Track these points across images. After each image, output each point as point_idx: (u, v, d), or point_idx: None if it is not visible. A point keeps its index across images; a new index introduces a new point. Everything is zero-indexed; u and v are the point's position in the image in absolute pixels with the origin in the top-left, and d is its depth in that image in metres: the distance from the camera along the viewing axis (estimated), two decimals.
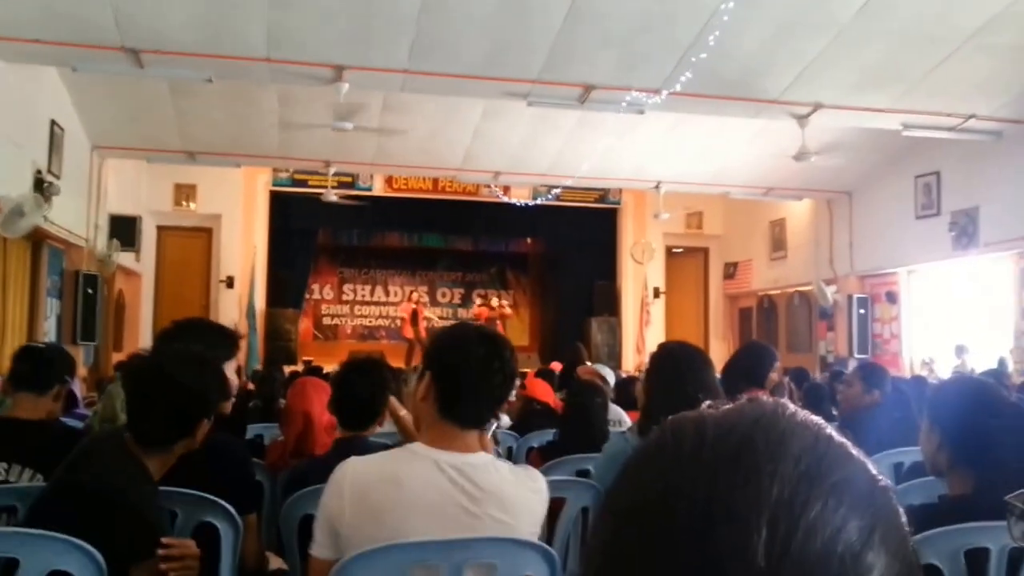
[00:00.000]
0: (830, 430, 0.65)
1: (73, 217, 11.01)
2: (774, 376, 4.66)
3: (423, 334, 16.72)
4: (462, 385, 2.09)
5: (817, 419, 0.66)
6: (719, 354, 15.71)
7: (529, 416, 5.67)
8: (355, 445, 3.08)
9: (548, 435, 5.17)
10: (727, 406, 0.68)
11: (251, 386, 7.57)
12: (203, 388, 2.37)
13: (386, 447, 2.55)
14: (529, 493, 2.16)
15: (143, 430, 2.31)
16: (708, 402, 0.70)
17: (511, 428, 5.91)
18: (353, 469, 2.08)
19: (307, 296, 19.55)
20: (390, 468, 2.08)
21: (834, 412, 6.29)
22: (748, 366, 4.44)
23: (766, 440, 0.62)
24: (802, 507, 0.58)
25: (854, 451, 0.64)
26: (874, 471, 0.63)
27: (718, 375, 3.80)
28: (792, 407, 0.66)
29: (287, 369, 10.16)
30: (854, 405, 5.07)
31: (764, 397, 0.68)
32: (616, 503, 0.65)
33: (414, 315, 16.84)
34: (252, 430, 5.15)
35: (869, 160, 12.65)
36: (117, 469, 2.25)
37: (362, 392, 3.24)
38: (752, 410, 0.65)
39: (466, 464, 2.08)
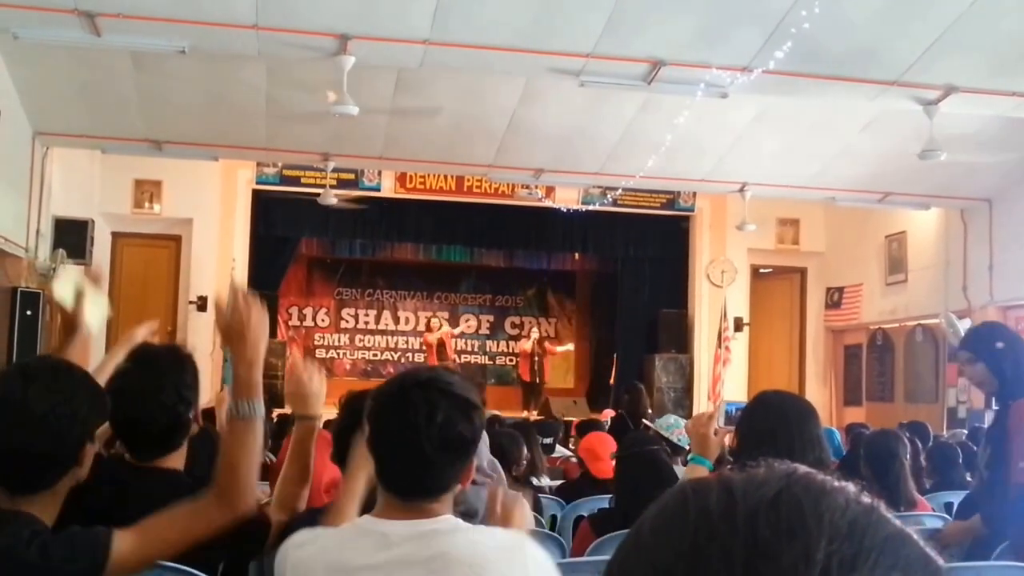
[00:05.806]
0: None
1: (9, 220, 11.18)
2: None
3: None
4: (381, 450, 2.20)
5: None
6: (819, 401, 15.56)
7: (583, 478, 5.65)
8: None
9: (603, 501, 5.17)
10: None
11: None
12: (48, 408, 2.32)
13: None
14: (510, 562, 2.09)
15: (5, 475, 2.33)
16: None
17: (556, 492, 5.90)
18: (295, 551, 2.20)
19: (297, 323, 19.68)
20: (334, 553, 2.14)
21: (968, 479, 6.19)
22: None
23: (805, 491, 0.68)
24: (852, 560, 0.63)
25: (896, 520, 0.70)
26: (923, 542, 0.69)
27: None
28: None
29: (275, 412, 10.20)
30: None
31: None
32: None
33: (440, 345, 16.89)
34: None
35: (1016, 160, 12.52)
36: None
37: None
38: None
39: (424, 532, 2.10)
